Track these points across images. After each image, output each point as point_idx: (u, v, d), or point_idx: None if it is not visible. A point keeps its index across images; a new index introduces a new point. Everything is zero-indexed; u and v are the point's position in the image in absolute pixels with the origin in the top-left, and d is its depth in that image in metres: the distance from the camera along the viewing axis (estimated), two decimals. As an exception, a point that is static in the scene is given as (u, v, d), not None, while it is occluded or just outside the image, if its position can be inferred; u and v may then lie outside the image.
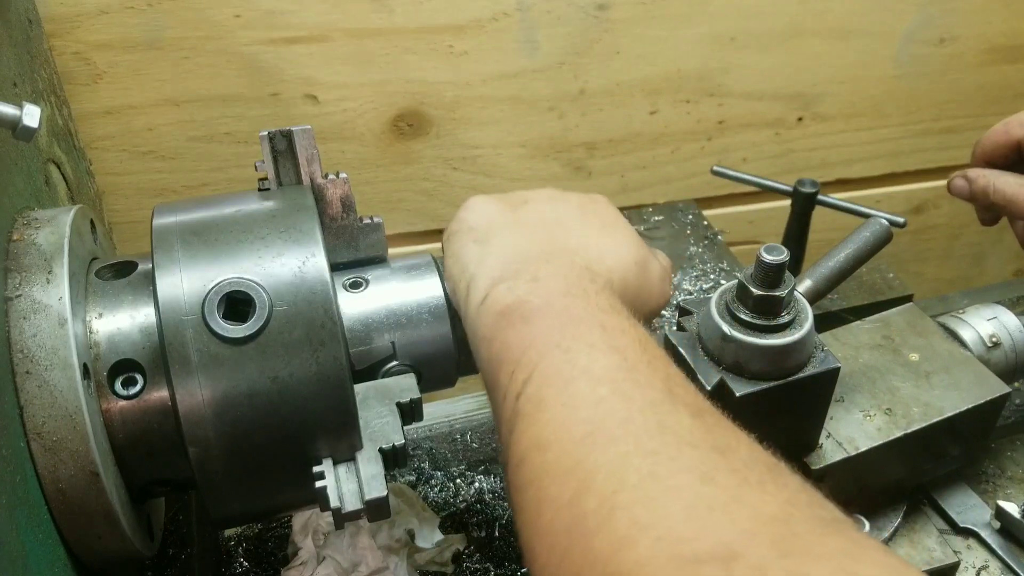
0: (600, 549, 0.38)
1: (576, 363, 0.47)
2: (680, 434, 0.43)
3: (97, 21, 0.85)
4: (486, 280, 0.55)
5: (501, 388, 0.49)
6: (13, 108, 0.52)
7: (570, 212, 0.61)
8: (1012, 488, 0.82)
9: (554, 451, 0.43)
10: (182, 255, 0.53)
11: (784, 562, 0.35)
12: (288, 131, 0.59)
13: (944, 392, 0.73)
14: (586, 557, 0.38)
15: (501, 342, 0.50)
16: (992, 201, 0.81)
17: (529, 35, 0.97)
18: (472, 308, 0.54)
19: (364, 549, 0.75)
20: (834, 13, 1.05)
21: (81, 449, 0.51)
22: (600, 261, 0.57)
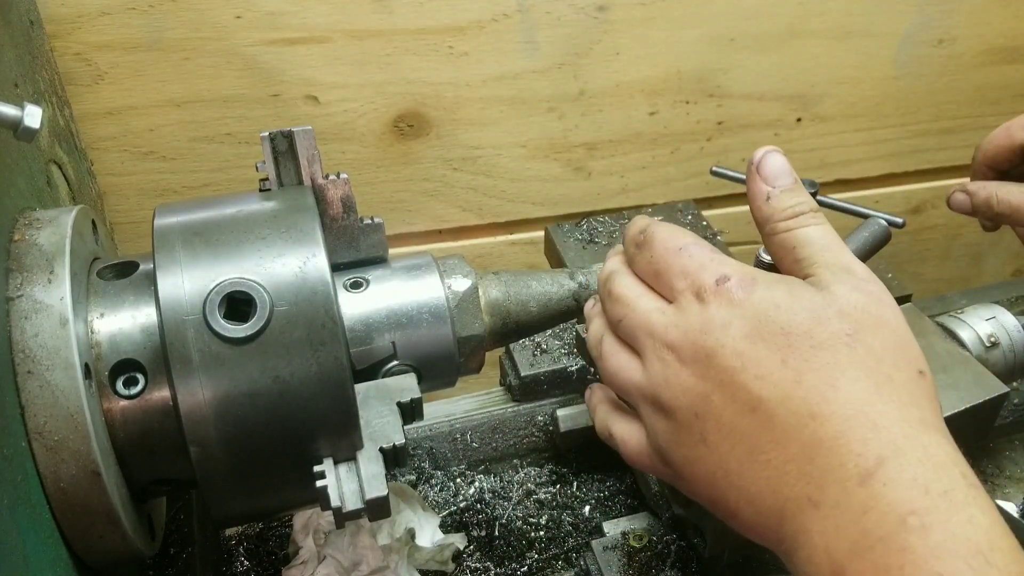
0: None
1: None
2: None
3: (98, 22, 0.85)
4: (772, 543, 0.45)
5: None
6: (14, 109, 0.52)
7: (765, 354, 0.46)
8: (1011, 488, 0.82)
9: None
10: (183, 255, 0.53)
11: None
12: (289, 132, 0.59)
13: (942, 392, 0.73)
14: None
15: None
16: (997, 212, 0.80)
17: (529, 36, 0.97)
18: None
19: (365, 548, 0.75)
20: (833, 14, 1.05)
21: (82, 449, 0.51)
22: (867, 447, 0.42)
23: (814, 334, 0.46)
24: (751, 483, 0.45)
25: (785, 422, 0.44)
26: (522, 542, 0.81)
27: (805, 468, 0.43)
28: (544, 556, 0.80)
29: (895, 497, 0.40)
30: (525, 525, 0.82)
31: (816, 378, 0.44)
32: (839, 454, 0.42)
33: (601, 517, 0.82)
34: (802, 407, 0.44)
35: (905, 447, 0.42)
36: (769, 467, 0.44)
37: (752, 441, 0.45)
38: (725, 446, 0.46)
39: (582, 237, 0.91)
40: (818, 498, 0.42)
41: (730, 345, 0.47)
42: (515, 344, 0.88)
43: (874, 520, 0.40)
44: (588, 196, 1.12)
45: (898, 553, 0.39)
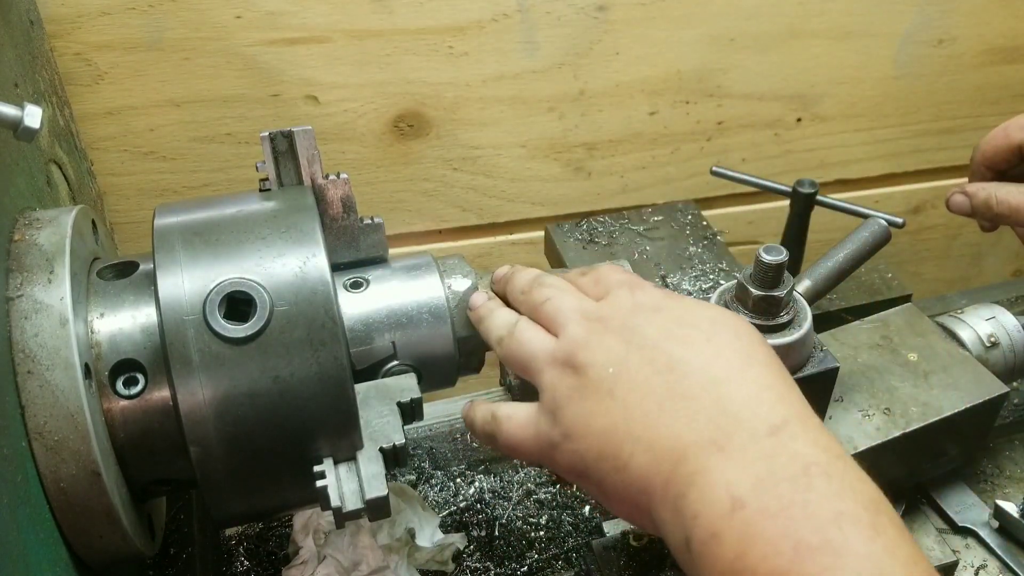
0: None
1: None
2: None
3: (98, 22, 0.85)
4: (668, 512, 0.45)
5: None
6: (14, 109, 0.52)
7: (692, 333, 0.50)
8: (1010, 487, 0.82)
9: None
10: (183, 255, 0.53)
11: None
12: (289, 132, 0.59)
13: (943, 392, 0.73)
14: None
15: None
16: (996, 213, 0.80)
17: (529, 36, 0.97)
18: (678, 552, 0.45)
19: (365, 548, 0.75)
20: (833, 14, 1.05)
21: (82, 449, 0.51)
22: (777, 409, 0.46)
23: (739, 329, 0.51)
24: (653, 431, 0.47)
25: (700, 382, 0.48)
26: (522, 542, 0.81)
27: (715, 418, 0.46)
28: (544, 556, 0.80)
29: (800, 449, 0.44)
30: (525, 525, 0.82)
31: (734, 356, 0.49)
32: (750, 410, 0.46)
33: (601, 517, 0.82)
34: (719, 373, 0.48)
35: (806, 416, 0.47)
36: (677, 416, 0.47)
37: (663, 395, 0.48)
38: (634, 398, 0.48)
39: (582, 237, 0.91)
40: (724, 443, 0.45)
41: (658, 324, 0.52)
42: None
43: (780, 463, 0.43)
44: (588, 196, 1.12)
45: (803, 491, 0.42)
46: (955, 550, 0.75)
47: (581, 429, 0.50)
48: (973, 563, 0.76)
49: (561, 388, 0.52)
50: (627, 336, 0.51)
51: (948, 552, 0.74)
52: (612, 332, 0.52)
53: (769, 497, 0.42)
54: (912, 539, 0.43)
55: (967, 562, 0.76)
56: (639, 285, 0.56)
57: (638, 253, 0.91)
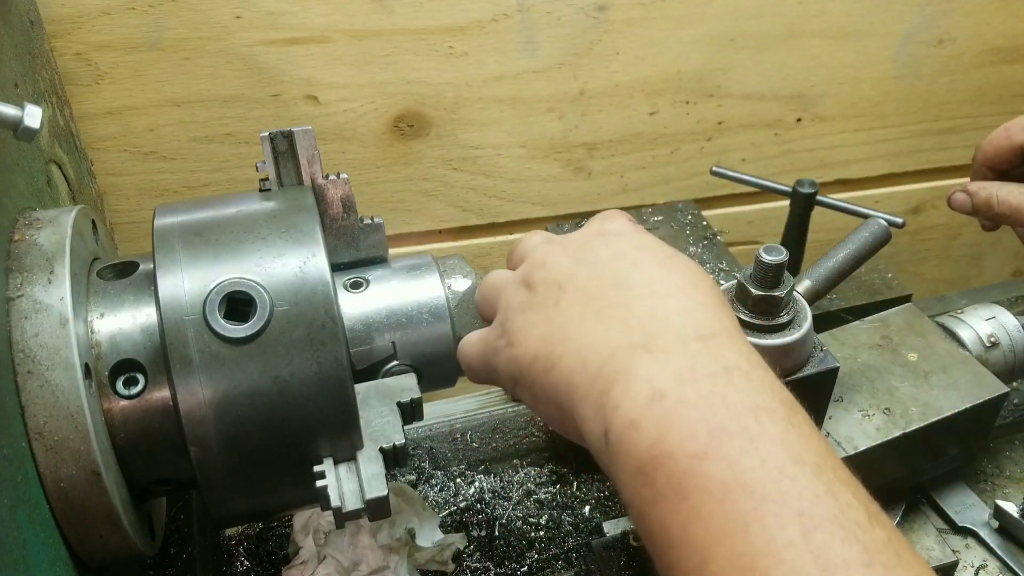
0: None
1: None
2: None
3: (98, 22, 0.85)
4: (589, 409, 0.46)
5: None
6: (14, 109, 0.52)
7: (615, 262, 0.52)
8: (1010, 487, 0.82)
9: None
10: (183, 255, 0.53)
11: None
12: (289, 132, 0.59)
13: (943, 392, 0.73)
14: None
15: (660, 527, 0.42)
16: (997, 212, 0.80)
17: (529, 36, 0.97)
18: (597, 448, 0.46)
19: (365, 548, 0.75)
20: (833, 14, 1.05)
21: (82, 449, 0.51)
22: (708, 323, 0.48)
23: (689, 262, 0.53)
24: (586, 335, 0.48)
25: (641, 293, 0.49)
26: (522, 542, 0.81)
27: (647, 324, 0.47)
28: (544, 556, 0.80)
29: (725, 353, 0.46)
30: (525, 525, 0.82)
31: (680, 278, 0.50)
32: (682, 319, 0.47)
33: (601, 517, 0.82)
34: (662, 288, 0.50)
35: (736, 332, 0.48)
36: (612, 323, 0.48)
37: (602, 304, 0.49)
38: (575, 308, 0.50)
39: (582, 237, 0.91)
40: (651, 345, 0.46)
41: (617, 245, 0.53)
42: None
43: (703, 362, 0.45)
44: (588, 196, 1.12)
45: (723, 386, 0.43)
46: (955, 550, 0.75)
47: (522, 336, 0.52)
48: (973, 563, 0.76)
49: (513, 303, 0.54)
50: (581, 255, 0.53)
51: (948, 552, 0.74)
52: (568, 252, 0.54)
53: (689, 389, 0.43)
54: (824, 439, 0.44)
55: (967, 562, 0.76)
56: (613, 217, 0.57)
57: (638, 253, 0.91)
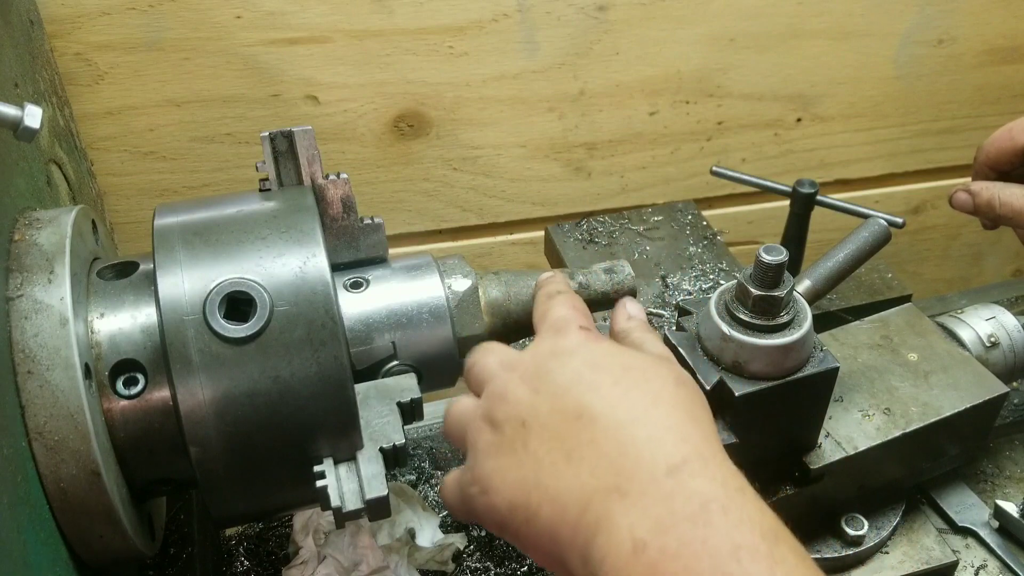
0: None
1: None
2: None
3: (98, 22, 0.85)
4: (577, 560, 0.46)
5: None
6: (15, 109, 0.52)
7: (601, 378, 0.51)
8: (1010, 487, 0.82)
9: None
10: (183, 255, 0.53)
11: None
12: (289, 132, 0.59)
13: (943, 392, 0.73)
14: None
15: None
16: (999, 214, 0.80)
17: (529, 36, 0.97)
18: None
19: (365, 548, 0.75)
20: (833, 14, 1.05)
21: (82, 449, 0.51)
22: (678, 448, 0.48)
23: (647, 371, 0.52)
24: (560, 481, 0.48)
25: (606, 425, 0.49)
26: (522, 542, 0.81)
27: (617, 462, 0.47)
28: (544, 556, 0.80)
29: (699, 487, 0.45)
30: (525, 525, 0.82)
31: (641, 398, 0.50)
32: (651, 451, 0.47)
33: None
34: (624, 415, 0.49)
35: (707, 454, 0.48)
36: (582, 465, 0.48)
37: (571, 444, 0.49)
38: (543, 450, 0.49)
39: (582, 237, 0.91)
40: (626, 488, 0.46)
41: (572, 367, 0.52)
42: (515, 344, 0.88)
43: (679, 503, 0.45)
44: (588, 196, 1.12)
45: (702, 528, 0.43)
46: (955, 550, 0.75)
47: (496, 483, 0.51)
48: (973, 563, 0.76)
49: (480, 444, 0.53)
50: (538, 384, 0.52)
51: (948, 552, 0.74)
52: (526, 381, 0.53)
53: (669, 537, 0.43)
54: (814, 566, 0.44)
55: (967, 562, 0.76)
56: (563, 328, 0.56)
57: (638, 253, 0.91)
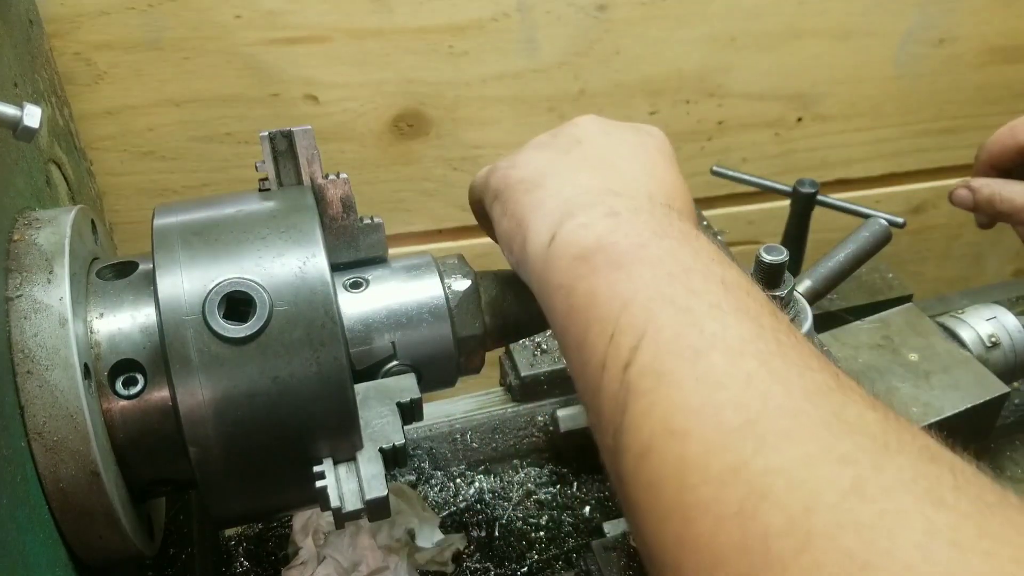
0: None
1: (703, 327, 0.37)
2: (873, 434, 0.33)
3: (98, 22, 0.85)
4: (548, 221, 0.47)
5: (594, 352, 0.40)
6: (14, 108, 0.52)
7: (629, 145, 0.55)
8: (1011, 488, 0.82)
9: (698, 442, 0.34)
10: (183, 255, 0.53)
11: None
12: (289, 131, 0.59)
13: (943, 392, 0.73)
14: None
15: (585, 293, 0.41)
16: (999, 211, 0.80)
17: (529, 35, 0.97)
18: (534, 252, 0.47)
19: (364, 549, 0.75)
20: (833, 14, 1.05)
21: (82, 449, 0.51)
22: (676, 198, 0.50)
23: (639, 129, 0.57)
24: (577, 176, 0.52)
25: (637, 168, 0.53)
26: (522, 543, 0.81)
27: (629, 187, 0.50)
28: (544, 556, 0.80)
29: (674, 222, 0.46)
30: (525, 526, 0.82)
31: (674, 177, 0.54)
32: (661, 191, 0.50)
33: (601, 517, 0.82)
34: (658, 172, 0.53)
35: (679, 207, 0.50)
36: (605, 177, 0.51)
37: (606, 166, 0.52)
38: (580, 159, 0.53)
39: (582, 237, 0.91)
40: (622, 193, 0.49)
41: (639, 138, 0.57)
42: (515, 344, 0.88)
43: (666, 218, 0.46)
44: (588, 196, 1.12)
45: (675, 220, 0.45)
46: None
47: (524, 161, 0.54)
48: (974, 563, 0.76)
49: (534, 141, 0.57)
50: (612, 130, 0.57)
51: (949, 552, 0.74)
52: (600, 123, 0.58)
53: (644, 215, 0.46)
54: None
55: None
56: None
57: (638, 253, 0.91)
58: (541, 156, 0.54)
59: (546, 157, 0.54)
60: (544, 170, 0.52)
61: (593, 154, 0.53)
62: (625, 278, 0.40)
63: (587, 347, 0.40)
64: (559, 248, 0.45)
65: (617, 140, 0.55)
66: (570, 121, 0.58)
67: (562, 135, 0.56)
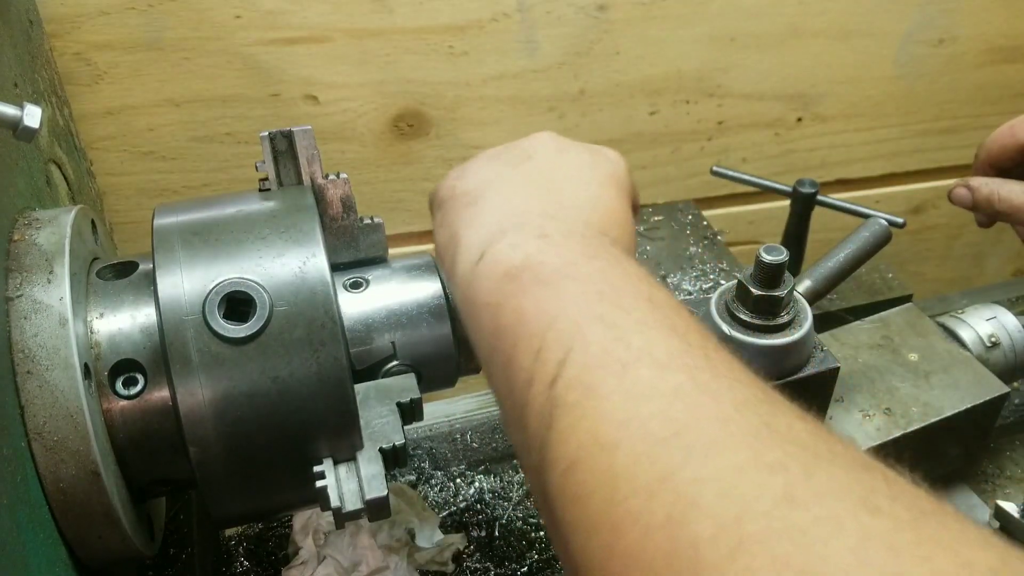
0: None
1: (630, 342, 0.37)
2: (803, 442, 0.33)
3: (98, 21, 0.85)
4: (478, 238, 0.47)
5: (520, 369, 0.40)
6: (14, 108, 0.52)
7: (579, 167, 0.54)
8: (1011, 488, 0.82)
9: (626, 452, 0.33)
10: (183, 255, 0.53)
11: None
12: (289, 131, 0.59)
13: (943, 392, 0.73)
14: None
15: (512, 310, 0.41)
16: (997, 210, 0.80)
17: (529, 35, 0.97)
18: (463, 269, 0.47)
19: (364, 549, 0.75)
20: (834, 13, 1.05)
21: (82, 449, 0.51)
22: (615, 227, 0.50)
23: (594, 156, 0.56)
24: (517, 194, 0.52)
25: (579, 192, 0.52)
26: (522, 542, 0.81)
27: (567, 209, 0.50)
28: (544, 556, 0.80)
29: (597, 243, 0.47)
30: (525, 525, 0.82)
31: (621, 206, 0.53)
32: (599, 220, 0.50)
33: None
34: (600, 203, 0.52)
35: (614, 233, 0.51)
36: (546, 197, 0.51)
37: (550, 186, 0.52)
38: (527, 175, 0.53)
39: (582, 237, 0.91)
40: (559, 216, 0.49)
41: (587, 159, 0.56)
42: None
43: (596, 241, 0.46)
44: (588, 196, 1.12)
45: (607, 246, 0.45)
46: (956, 550, 0.75)
47: (471, 173, 0.54)
48: (974, 563, 0.76)
49: (487, 152, 0.57)
50: (565, 146, 0.56)
51: (949, 552, 0.74)
52: (557, 140, 0.57)
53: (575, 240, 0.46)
54: None
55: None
56: None
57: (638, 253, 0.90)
58: (488, 169, 0.54)
59: (493, 170, 0.53)
60: (487, 184, 0.52)
61: (540, 173, 0.53)
62: (553, 295, 0.41)
63: (513, 364, 0.40)
64: (487, 266, 0.45)
65: (568, 161, 0.54)
66: (529, 135, 0.58)
67: (516, 148, 0.56)
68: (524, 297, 0.41)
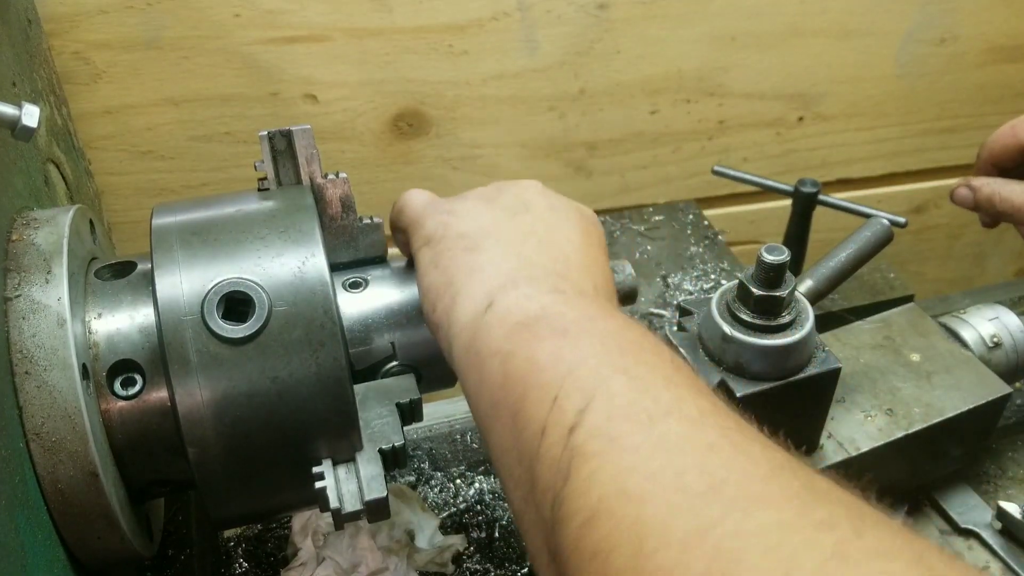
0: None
1: (658, 396, 0.36)
2: (847, 503, 0.32)
3: (96, 20, 0.85)
4: (485, 287, 0.46)
5: (532, 419, 0.38)
6: (12, 108, 0.52)
7: (573, 228, 0.53)
8: (1013, 488, 0.82)
9: (657, 504, 0.32)
10: (181, 255, 0.53)
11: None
12: (288, 131, 0.59)
13: (945, 392, 0.73)
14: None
15: (525, 359, 0.40)
16: (999, 210, 0.80)
17: (529, 35, 0.97)
18: (466, 318, 0.46)
19: (364, 550, 0.75)
20: (834, 13, 1.05)
21: (80, 449, 0.51)
22: (613, 293, 0.51)
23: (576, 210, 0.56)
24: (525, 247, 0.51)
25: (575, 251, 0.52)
26: (522, 543, 0.80)
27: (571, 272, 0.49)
28: (544, 557, 0.79)
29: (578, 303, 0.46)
30: (525, 526, 0.82)
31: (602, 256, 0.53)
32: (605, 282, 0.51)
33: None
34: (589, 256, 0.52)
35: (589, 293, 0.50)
36: (549, 253, 0.50)
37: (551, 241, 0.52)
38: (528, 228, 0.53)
39: (583, 237, 0.90)
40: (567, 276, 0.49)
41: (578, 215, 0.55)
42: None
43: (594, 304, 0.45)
44: (588, 196, 1.12)
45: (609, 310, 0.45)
46: (957, 552, 0.75)
47: (466, 214, 0.53)
48: (975, 565, 0.75)
49: (477, 191, 0.56)
50: (559, 203, 0.56)
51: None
52: (549, 194, 0.56)
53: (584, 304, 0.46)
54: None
55: (969, 564, 0.75)
56: None
57: (639, 253, 0.90)
58: (485, 213, 0.52)
59: (491, 216, 0.52)
60: (487, 230, 0.51)
61: (540, 228, 0.52)
62: (571, 345, 0.39)
63: (523, 414, 0.38)
64: (497, 315, 0.43)
65: (562, 219, 0.53)
66: (514, 181, 0.57)
67: (509, 195, 0.54)
68: (539, 345, 0.40)
